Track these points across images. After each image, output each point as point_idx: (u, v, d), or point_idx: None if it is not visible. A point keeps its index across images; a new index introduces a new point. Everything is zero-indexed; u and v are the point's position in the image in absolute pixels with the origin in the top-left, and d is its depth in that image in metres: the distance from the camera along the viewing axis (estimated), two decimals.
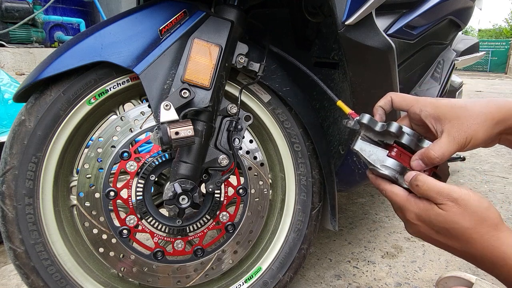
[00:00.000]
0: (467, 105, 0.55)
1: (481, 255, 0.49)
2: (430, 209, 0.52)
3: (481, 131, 0.53)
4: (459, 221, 0.50)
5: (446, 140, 0.55)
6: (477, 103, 0.55)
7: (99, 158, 0.78)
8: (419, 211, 0.54)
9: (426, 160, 0.57)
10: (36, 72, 0.74)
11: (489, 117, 0.54)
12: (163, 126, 0.67)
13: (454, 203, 0.50)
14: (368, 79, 0.81)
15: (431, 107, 0.57)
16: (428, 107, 0.58)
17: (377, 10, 0.76)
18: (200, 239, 0.86)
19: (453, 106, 0.56)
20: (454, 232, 0.50)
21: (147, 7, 0.79)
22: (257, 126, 0.96)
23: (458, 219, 0.50)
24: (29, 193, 0.74)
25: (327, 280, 1.14)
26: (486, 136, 0.54)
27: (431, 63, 1.52)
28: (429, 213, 0.52)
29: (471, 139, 0.53)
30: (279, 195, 0.99)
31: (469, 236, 0.49)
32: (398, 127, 0.60)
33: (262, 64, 0.82)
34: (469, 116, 0.54)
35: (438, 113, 0.56)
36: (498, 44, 19.00)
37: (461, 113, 0.55)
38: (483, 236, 0.49)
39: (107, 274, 0.85)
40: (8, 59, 4.19)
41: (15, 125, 0.74)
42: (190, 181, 0.74)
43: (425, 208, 0.53)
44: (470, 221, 0.49)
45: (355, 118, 0.69)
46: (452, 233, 0.51)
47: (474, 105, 0.55)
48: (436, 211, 0.51)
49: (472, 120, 0.54)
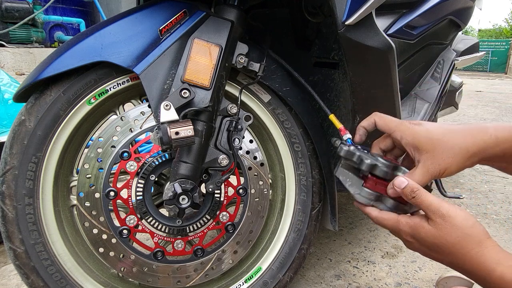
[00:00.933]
0: (444, 137, 0.58)
1: (469, 269, 0.53)
2: (420, 226, 0.55)
3: (454, 163, 0.57)
4: (446, 238, 0.53)
5: (421, 172, 0.58)
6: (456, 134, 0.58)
7: (99, 158, 0.78)
8: (411, 230, 0.57)
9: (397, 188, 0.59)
10: (36, 72, 0.74)
11: (464, 151, 0.56)
12: (163, 126, 0.67)
13: (442, 219, 0.53)
14: (368, 79, 0.81)
15: (411, 136, 0.61)
16: (408, 136, 0.61)
17: (377, 10, 0.76)
18: (200, 239, 0.86)
19: (431, 137, 0.58)
20: (443, 247, 0.54)
21: (147, 7, 0.79)
22: (257, 126, 0.96)
23: (445, 235, 0.53)
24: (29, 193, 0.74)
25: (327, 280, 1.14)
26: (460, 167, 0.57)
27: (431, 63, 1.52)
28: (420, 230, 0.55)
29: (445, 171, 0.57)
30: (279, 195, 0.99)
31: (457, 251, 0.52)
32: (369, 165, 0.65)
33: (262, 64, 0.82)
34: (445, 149, 0.57)
35: (416, 143, 0.59)
36: (498, 44, 19.01)
37: (437, 145, 0.58)
38: (470, 252, 0.52)
39: (107, 274, 0.85)
40: (8, 59, 4.19)
41: (15, 125, 0.74)
42: (190, 181, 0.74)
43: (416, 226, 0.56)
44: (456, 237, 0.52)
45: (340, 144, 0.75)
46: (441, 249, 0.54)
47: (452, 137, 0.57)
48: (425, 228, 0.55)
49: (447, 153, 0.57)
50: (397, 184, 0.58)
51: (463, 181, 2.10)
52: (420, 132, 0.60)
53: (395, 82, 0.82)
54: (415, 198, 0.56)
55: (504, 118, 4.20)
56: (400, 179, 0.58)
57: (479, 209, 1.71)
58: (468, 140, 0.57)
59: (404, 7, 1.17)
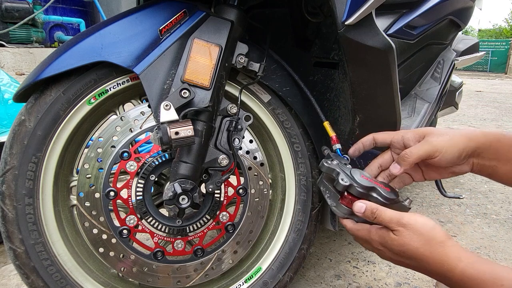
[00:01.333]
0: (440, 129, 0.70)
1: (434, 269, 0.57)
2: (387, 235, 0.61)
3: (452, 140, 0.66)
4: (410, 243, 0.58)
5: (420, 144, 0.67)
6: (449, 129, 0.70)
7: (99, 158, 0.78)
8: (380, 239, 0.62)
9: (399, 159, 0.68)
10: (36, 72, 0.74)
11: (458, 133, 0.67)
12: (163, 126, 0.67)
13: (404, 228, 0.59)
14: (368, 79, 0.81)
15: (412, 132, 0.71)
16: (409, 133, 0.71)
17: (377, 10, 0.76)
18: (200, 239, 0.86)
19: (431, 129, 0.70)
20: (408, 253, 0.58)
21: (147, 7, 0.79)
22: (257, 126, 0.96)
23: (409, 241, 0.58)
24: (29, 193, 0.74)
25: (327, 280, 1.14)
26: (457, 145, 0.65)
27: (431, 63, 1.52)
28: (387, 239, 0.61)
29: (444, 145, 0.65)
30: (279, 195, 0.99)
31: (421, 254, 0.57)
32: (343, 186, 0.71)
33: (262, 64, 0.82)
34: (445, 132, 0.68)
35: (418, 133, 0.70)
36: (498, 44, 19.00)
37: (437, 131, 0.68)
38: (432, 253, 0.57)
39: (107, 274, 0.85)
40: (8, 59, 4.19)
41: (15, 125, 0.74)
42: (190, 181, 0.74)
43: (383, 235, 0.62)
44: (419, 241, 0.57)
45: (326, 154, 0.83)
46: (408, 253, 0.59)
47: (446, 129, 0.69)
48: (391, 237, 0.60)
49: (446, 133, 0.67)
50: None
51: (463, 181, 2.10)
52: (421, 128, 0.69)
53: (395, 82, 0.82)
54: (376, 218, 0.63)
55: (504, 118, 4.20)
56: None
57: (479, 209, 1.71)
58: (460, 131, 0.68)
59: (404, 7, 1.17)
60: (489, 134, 0.67)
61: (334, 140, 0.87)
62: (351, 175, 0.72)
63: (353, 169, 0.75)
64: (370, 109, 0.86)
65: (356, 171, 0.74)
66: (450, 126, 3.61)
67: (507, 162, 0.65)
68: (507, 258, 1.28)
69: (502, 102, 5.70)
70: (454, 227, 1.52)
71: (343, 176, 0.72)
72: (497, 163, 0.66)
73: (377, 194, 0.70)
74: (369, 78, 0.81)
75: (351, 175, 0.72)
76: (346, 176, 0.72)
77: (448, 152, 0.66)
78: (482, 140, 0.66)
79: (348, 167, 0.77)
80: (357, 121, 0.88)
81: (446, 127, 3.57)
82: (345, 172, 0.73)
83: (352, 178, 0.71)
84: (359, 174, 0.73)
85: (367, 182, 0.71)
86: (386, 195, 0.70)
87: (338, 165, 0.76)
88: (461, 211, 1.68)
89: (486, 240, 1.41)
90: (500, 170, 0.67)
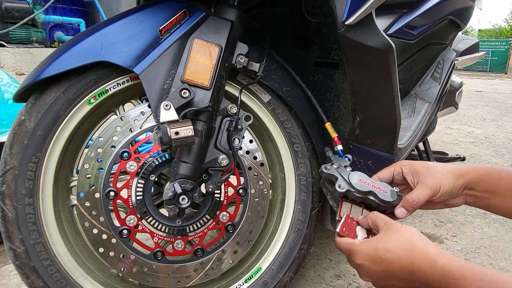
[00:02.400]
0: (435, 165, 0.75)
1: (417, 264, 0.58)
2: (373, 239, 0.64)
3: (446, 180, 0.71)
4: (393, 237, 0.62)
5: (421, 188, 0.72)
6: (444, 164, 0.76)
7: (99, 158, 0.78)
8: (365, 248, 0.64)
9: (406, 205, 0.73)
10: (36, 72, 0.74)
11: (451, 171, 0.73)
12: (163, 126, 0.67)
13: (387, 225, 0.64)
14: (368, 79, 0.81)
15: (409, 166, 0.77)
16: (406, 166, 0.77)
17: (377, 10, 0.76)
18: (200, 239, 0.86)
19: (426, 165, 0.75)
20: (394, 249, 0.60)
21: (147, 7, 0.79)
22: (257, 126, 0.96)
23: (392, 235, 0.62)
24: (29, 193, 0.74)
25: (327, 280, 1.14)
26: (451, 185, 0.71)
27: (431, 63, 1.52)
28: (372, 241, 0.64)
29: (441, 186, 0.71)
30: (279, 195, 0.99)
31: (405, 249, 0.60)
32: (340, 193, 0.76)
33: (262, 64, 0.82)
34: (438, 171, 0.73)
35: (414, 170, 0.76)
36: (498, 44, 18.99)
37: (431, 169, 0.74)
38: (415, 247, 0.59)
39: (107, 274, 0.85)
40: (8, 59, 4.19)
41: (15, 125, 0.74)
42: (190, 181, 0.74)
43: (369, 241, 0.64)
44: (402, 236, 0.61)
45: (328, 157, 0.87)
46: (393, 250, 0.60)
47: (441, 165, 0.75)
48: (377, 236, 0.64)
49: (439, 173, 0.72)
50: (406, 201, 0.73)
51: None
52: (417, 163, 0.77)
53: (395, 82, 0.82)
54: None
55: (504, 118, 4.20)
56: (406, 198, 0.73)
57: (479, 209, 1.71)
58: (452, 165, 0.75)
59: (404, 7, 1.17)
60: (480, 169, 0.72)
61: (336, 141, 0.88)
62: (349, 180, 0.76)
63: (352, 173, 0.78)
64: (370, 109, 0.86)
65: (355, 174, 0.77)
66: (450, 126, 3.61)
67: (499, 194, 0.70)
68: (507, 258, 1.28)
69: (502, 102, 5.70)
70: (454, 227, 1.52)
71: (341, 182, 0.76)
72: (489, 195, 0.71)
73: (374, 197, 0.74)
74: (369, 78, 0.81)
75: (349, 180, 0.76)
76: (344, 182, 0.76)
77: (444, 190, 0.71)
78: (473, 175, 0.71)
79: (348, 170, 0.79)
80: (357, 121, 0.88)
81: (446, 127, 3.57)
82: (343, 177, 0.77)
83: (350, 184, 0.75)
84: (357, 178, 0.76)
85: (364, 186, 0.74)
86: (383, 198, 0.74)
87: (337, 170, 0.79)
88: (461, 211, 1.68)
89: (486, 240, 1.41)
90: (492, 202, 0.71)
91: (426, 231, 1.48)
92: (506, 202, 0.69)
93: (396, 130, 0.89)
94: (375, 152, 0.91)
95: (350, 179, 0.76)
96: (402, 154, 0.99)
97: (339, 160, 0.84)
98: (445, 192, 0.71)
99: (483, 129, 3.50)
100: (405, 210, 0.73)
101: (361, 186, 0.75)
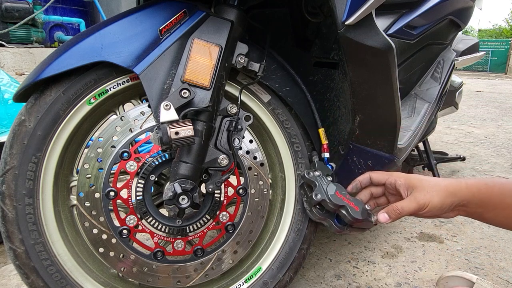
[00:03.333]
0: (430, 179, 0.77)
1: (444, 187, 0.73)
2: None
3: (436, 197, 0.73)
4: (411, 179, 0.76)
5: (409, 200, 0.75)
6: (438, 179, 0.77)
7: (99, 158, 0.78)
8: None
9: (390, 212, 0.75)
10: (36, 72, 0.74)
11: (444, 188, 0.74)
12: (163, 126, 0.67)
13: None
14: (368, 79, 0.81)
15: (404, 178, 0.79)
16: (401, 179, 0.79)
17: (377, 10, 0.76)
18: (200, 239, 0.86)
19: (421, 179, 0.77)
20: None
21: (147, 7, 0.79)
22: (257, 126, 0.96)
23: None
24: (29, 193, 0.74)
25: (327, 280, 1.14)
26: (441, 201, 0.73)
27: (431, 63, 1.52)
28: None
29: (429, 203, 0.73)
30: (279, 195, 0.99)
31: None
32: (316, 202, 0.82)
33: (262, 64, 0.82)
34: (430, 186, 0.75)
35: (408, 183, 0.77)
36: (498, 44, 18.99)
37: (425, 183, 0.76)
38: None
39: (107, 274, 0.85)
40: (8, 59, 4.19)
41: (15, 125, 0.74)
42: (190, 181, 0.74)
43: None
44: None
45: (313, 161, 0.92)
46: None
47: (435, 180, 0.76)
48: None
49: (432, 188, 0.74)
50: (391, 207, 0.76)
51: None
52: (412, 176, 0.78)
53: (395, 82, 0.82)
54: None
55: (504, 118, 4.20)
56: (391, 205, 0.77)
57: None
58: (446, 182, 0.75)
59: (404, 7, 1.17)
60: (472, 186, 0.73)
61: (324, 148, 0.93)
62: (326, 190, 0.80)
63: (331, 184, 0.82)
64: (370, 109, 0.86)
65: (333, 186, 0.81)
66: (450, 126, 3.61)
67: (493, 209, 0.71)
68: (506, 258, 1.28)
69: (502, 102, 5.70)
70: (454, 227, 1.52)
71: (319, 191, 0.81)
72: (482, 210, 0.72)
73: (346, 211, 0.79)
74: (369, 78, 0.81)
75: (326, 190, 0.80)
76: (321, 191, 0.80)
77: (433, 207, 0.73)
78: (465, 192, 0.73)
79: (329, 179, 0.84)
80: (357, 121, 0.88)
81: (446, 127, 3.57)
82: (322, 186, 0.81)
83: (326, 194, 0.79)
84: (335, 190, 0.80)
85: (339, 199, 0.79)
86: (353, 215, 0.78)
87: (318, 177, 0.83)
88: None
89: (486, 240, 1.41)
90: (486, 215, 0.73)
91: (426, 231, 1.48)
92: (500, 215, 0.71)
93: (396, 130, 0.88)
94: (375, 152, 0.91)
95: (328, 190, 0.80)
96: (402, 154, 0.99)
97: (323, 167, 0.89)
98: (433, 208, 0.73)
99: (483, 129, 3.50)
100: (387, 216, 0.76)
101: (336, 199, 0.79)
